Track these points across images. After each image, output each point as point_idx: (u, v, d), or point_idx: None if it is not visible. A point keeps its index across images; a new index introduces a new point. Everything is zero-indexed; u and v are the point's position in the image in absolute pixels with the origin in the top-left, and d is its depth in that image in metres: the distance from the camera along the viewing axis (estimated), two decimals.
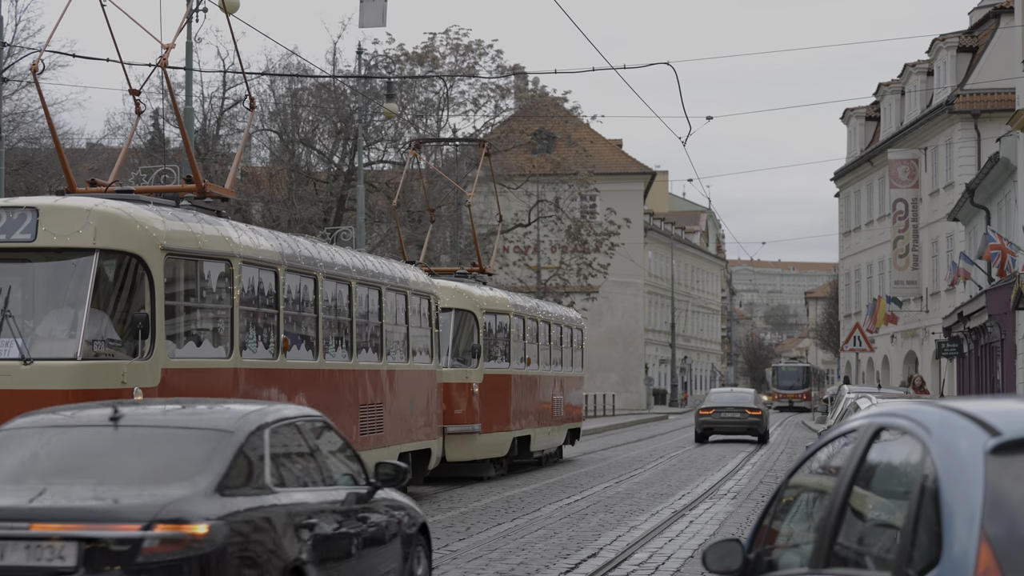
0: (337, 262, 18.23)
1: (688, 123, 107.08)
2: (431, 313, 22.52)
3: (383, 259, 21.22)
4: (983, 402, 4.55)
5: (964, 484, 4.00)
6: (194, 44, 28.88)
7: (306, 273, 17.03)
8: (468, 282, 27.00)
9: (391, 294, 20.40)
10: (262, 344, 15.80)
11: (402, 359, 20.97)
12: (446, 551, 15.49)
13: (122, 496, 7.62)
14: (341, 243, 22.83)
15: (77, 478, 7.94)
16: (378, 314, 19.84)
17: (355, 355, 18.69)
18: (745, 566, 5.46)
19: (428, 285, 22.68)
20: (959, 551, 3.87)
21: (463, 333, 25.78)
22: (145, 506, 7.51)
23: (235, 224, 15.68)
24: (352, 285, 18.63)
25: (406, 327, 21.13)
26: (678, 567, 14.42)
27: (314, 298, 17.27)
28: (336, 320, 18.19)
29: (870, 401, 19.96)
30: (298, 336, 16.78)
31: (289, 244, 16.77)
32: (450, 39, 50.67)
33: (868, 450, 4.81)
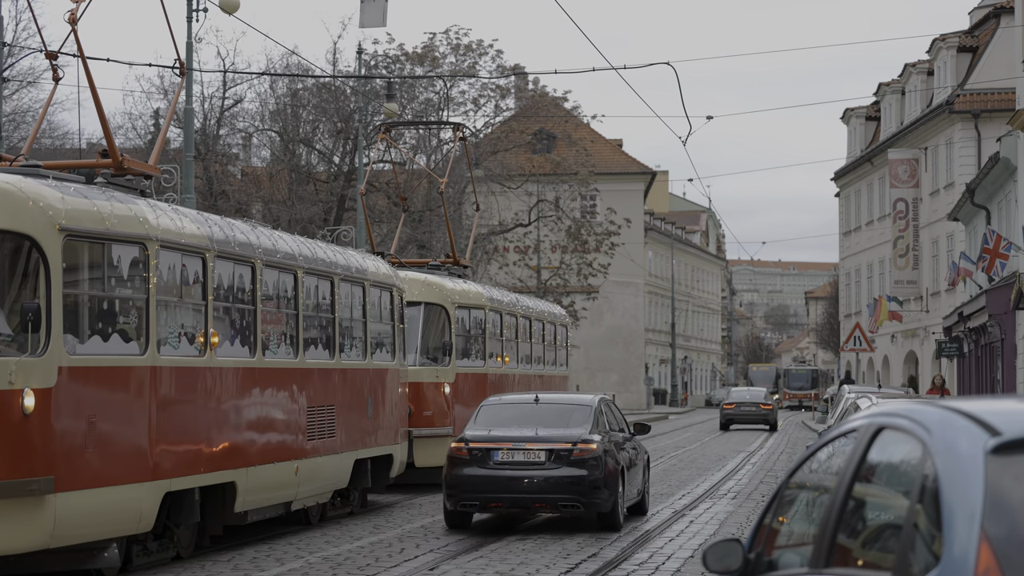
0: (280, 249, 16.52)
1: (688, 123, 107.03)
2: (393, 307, 20.78)
3: (338, 247, 19.52)
4: (983, 402, 4.55)
5: (964, 484, 4.00)
6: (194, 44, 28.82)
7: (242, 260, 15.30)
8: (440, 274, 25.39)
9: (346, 285, 18.72)
10: (186, 340, 14.06)
11: (359, 357, 19.25)
12: (445, 551, 15.50)
13: (560, 432, 17.45)
14: (341, 243, 22.70)
15: (536, 425, 17.67)
16: (330, 307, 18.11)
17: (302, 352, 16.97)
18: (745, 566, 5.46)
19: (390, 276, 20.81)
20: (959, 551, 3.87)
21: (433, 329, 24.23)
22: (571, 435, 17.36)
23: (154, 203, 13.90)
24: (298, 275, 16.91)
25: (364, 321, 19.37)
26: (678, 567, 14.42)
27: (252, 288, 15.53)
28: (279, 313, 16.52)
29: (870, 401, 19.96)
30: (232, 331, 15.08)
31: (221, 228, 15.04)
32: (450, 39, 50.69)
33: (868, 450, 4.81)
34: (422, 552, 15.38)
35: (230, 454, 14.77)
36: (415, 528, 17.89)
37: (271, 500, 16.04)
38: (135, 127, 48.95)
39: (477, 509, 17.62)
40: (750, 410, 53.44)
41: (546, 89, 56.25)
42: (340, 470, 18.21)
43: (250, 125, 50.20)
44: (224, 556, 14.93)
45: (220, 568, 14.05)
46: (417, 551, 15.44)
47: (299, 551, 15.46)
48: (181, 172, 26.89)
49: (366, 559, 14.75)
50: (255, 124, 50.15)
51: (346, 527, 17.95)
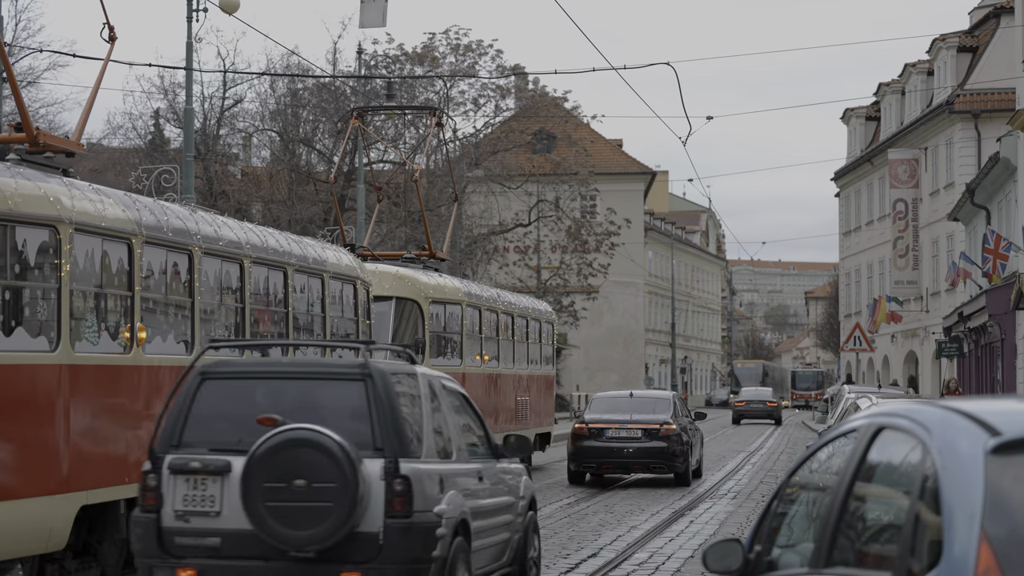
0: (224, 236, 15.04)
1: (688, 123, 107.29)
2: (358, 301, 19.35)
3: (293, 236, 18.12)
4: (983, 402, 4.55)
5: (964, 484, 4.00)
6: (194, 44, 28.83)
7: (176, 247, 13.82)
8: (414, 268, 23.96)
9: (302, 277, 17.27)
10: (107, 334, 12.56)
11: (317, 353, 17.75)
12: None
13: (650, 416, 25.09)
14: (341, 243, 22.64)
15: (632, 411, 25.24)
16: (283, 301, 16.66)
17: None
18: (745, 566, 5.46)
19: (353, 268, 19.30)
20: (959, 551, 3.87)
21: (405, 325, 22.91)
22: (658, 419, 25.01)
23: (72, 183, 12.49)
24: (245, 264, 15.40)
25: (323, 316, 17.91)
26: (678, 567, 14.42)
27: (189, 279, 14.09)
28: (222, 307, 15.04)
29: (870, 401, 19.96)
30: (165, 326, 13.73)
31: (152, 211, 13.53)
32: (450, 39, 50.68)
33: (868, 450, 4.81)
34: None
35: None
36: None
37: None
38: (135, 127, 49.00)
39: (593, 470, 25.60)
40: (758, 407, 63.71)
41: (546, 89, 56.26)
42: None
43: (250, 125, 50.22)
44: None
45: None
46: None
47: None
48: (181, 172, 26.89)
49: None
50: (255, 124, 50.17)
51: None
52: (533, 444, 27.65)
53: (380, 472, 9.22)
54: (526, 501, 11.98)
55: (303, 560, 9.17)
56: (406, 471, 9.28)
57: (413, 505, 9.26)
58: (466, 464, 10.66)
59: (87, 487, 11.89)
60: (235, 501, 9.28)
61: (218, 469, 9.42)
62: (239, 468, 9.26)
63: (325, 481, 9.06)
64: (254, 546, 9.25)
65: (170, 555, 9.45)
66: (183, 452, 9.56)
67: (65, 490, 11.56)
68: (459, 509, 9.93)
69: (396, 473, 9.23)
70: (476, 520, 10.34)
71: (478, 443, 11.34)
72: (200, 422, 9.71)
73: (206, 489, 9.46)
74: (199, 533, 9.42)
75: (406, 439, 9.54)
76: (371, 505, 9.17)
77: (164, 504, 9.52)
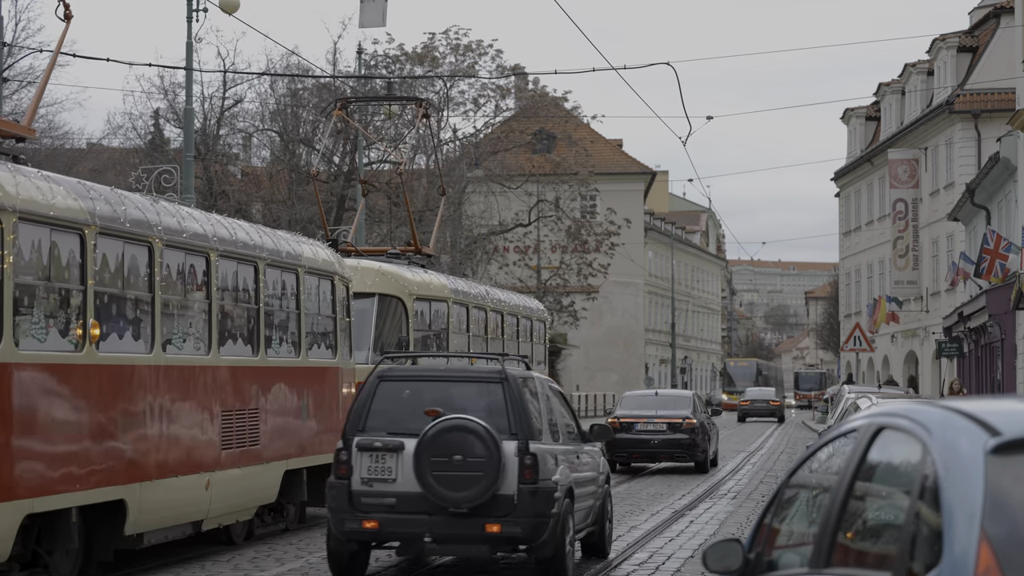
0: (188, 228, 14.21)
1: (688, 123, 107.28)
2: (335, 297, 18.43)
3: (266, 229, 17.22)
4: (983, 402, 4.55)
5: (964, 484, 4.00)
6: (194, 44, 28.84)
7: (135, 239, 13.00)
8: (399, 263, 23.02)
9: (274, 272, 16.40)
10: (57, 332, 11.83)
11: (290, 353, 16.90)
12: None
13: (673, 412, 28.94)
14: (340, 243, 22.55)
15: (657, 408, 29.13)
16: (253, 296, 15.79)
17: (215, 347, 14.65)
18: (745, 566, 5.46)
19: (331, 263, 18.39)
20: (959, 551, 3.87)
21: (388, 323, 21.91)
22: (680, 414, 28.89)
23: (19, 169, 11.91)
24: (211, 258, 14.59)
25: (298, 313, 17.02)
26: (678, 567, 14.41)
27: (149, 272, 13.26)
28: (186, 302, 14.22)
29: (870, 401, 19.95)
30: (122, 322, 12.85)
31: (108, 201, 12.76)
32: (450, 39, 50.68)
33: (868, 450, 4.81)
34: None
35: (118, 467, 12.48)
36: None
37: (174, 519, 13.82)
38: (135, 127, 48.99)
39: (624, 460, 29.09)
40: (762, 405, 68.53)
41: (546, 89, 56.26)
42: (266, 483, 15.92)
43: (250, 125, 50.22)
44: (224, 556, 14.92)
45: (220, 568, 14.05)
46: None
47: (299, 551, 15.45)
48: (181, 172, 26.88)
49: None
50: (255, 124, 50.17)
51: None
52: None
53: (515, 450, 12.46)
54: (604, 475, 15.30)
55: (458, 515, 12.34)
56: (534, 450, 12.57)
57: (539, 475, 12.50)
58: (568, 446, 13.86)
59: (33, 495, 11.23)
60: (407, 471, 12.46)
61: (394, 448, 12.60)
62: (410, 447, 12.45)
63: (476, 457, 12.29)
64: (421, 504, 12.42)
65: (358, 511, 12.58)
66: (367, 435, 12.70)
67: (8, 497, 10.88)
68: (568, 479, 13.18)
69: (527, 451, 12.50)
70: (577, 488, 13.54)
71: (573, 430, 14.53)
72: (378, 413, 12.83)
73: (385, 462, 12.64)
74: (379, 495, 12.59)
75: (532, 426, 12.80)
76: (508, 474, 12.38)
77: (353, 473, 12.65)
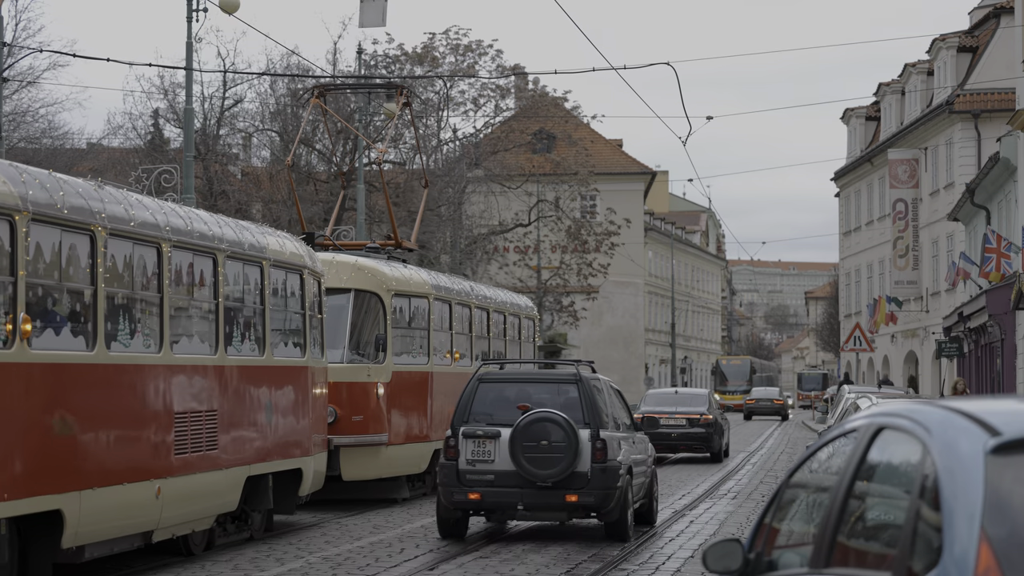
0: (136, 216, 13.14)
1: (688, 123, 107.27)
2: (305, 292, 17.45)
3: (229, 220, 16.15)
4: (983, 402, 4.55)
5: (964, 484, 4.00)
6: (194, 44, 28.81)
7: (75, 227, 11.99)
8: (378, 258, 22.04)
9: (235, 264, 15.40)
10: None
11: (254, 351, 15.89)
12: (445, 551, 15.50)
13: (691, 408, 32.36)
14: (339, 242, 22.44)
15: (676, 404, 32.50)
16: (211, 290, 14.81)
17: (166, 344, 13.57)
18: (745, 566, 5.46)
19: (300, 256, 17.40)
20: (959, 551, 3.87)
21: (365, 320, 20.93)
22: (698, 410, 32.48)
23: None
24: (163, 249, 13.53)
25: (262, 309, 16.07)
26: (678, 567, 14.42)
27: (90, 263, 12.24)
28: (133, 296, 13.17)
29: (870, 401, 19.95)
30: (59, 318, 11.94)
31: (43, 186, 11.81)
32: (450, 39, 50.67)
33: (868, 450, 4.81)
34: (422, 552, 15.38)
35: (54, 475, 11.54)
36: (415, 528, 17.88)
37: (120, 530, 12.81)
38: (135, 127, 48.98)
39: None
40: (767, 404, 72.38)
41: (546, 89, 56.23)
42: (225, 490, 14.92)
43: (250, 125, 50.22)
44: (224, 556, 14.92)
45: (220, 568, 14.04)
46: (417, 551, 15.44)
47: (299, 551, 15.45)
48: (181, 172, 26.88)
49: (366, 559, 14.74)
50: (255, 124, 50.16)
51: (345, 527, 17.94)
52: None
53: (588, 437, 15.85)
54: (652, 458, 18.70)
55: (544, 488, 15.72)
56: (603, 436, 15.95)
57: (607, 456, 15.89)
58: (626, 434, 17.06)
59: None
60: (503, 453, 15.88)
61: (492, 435, 16.00)
62: (506, 435, 15.87)
63: (558, 442, 15.66)
64: (515, 480, 15.82)
65: (464, 485, 15.94)
66: (470, 425, 16.12)
67: None
68: (628, 459, 16.54)
69: (598, 437, 15.90)
70: (635, 467, 16.85)
71: (628, 421, 17.78)
72: (479, 407, 16.24)
73: (485, 447, 16.02)
74: (481, 472, 15.98)
75: (601, 418, 16.18)
76: (583, 456, 15.75)
77: (460, 456, 16.01)
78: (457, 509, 16.18)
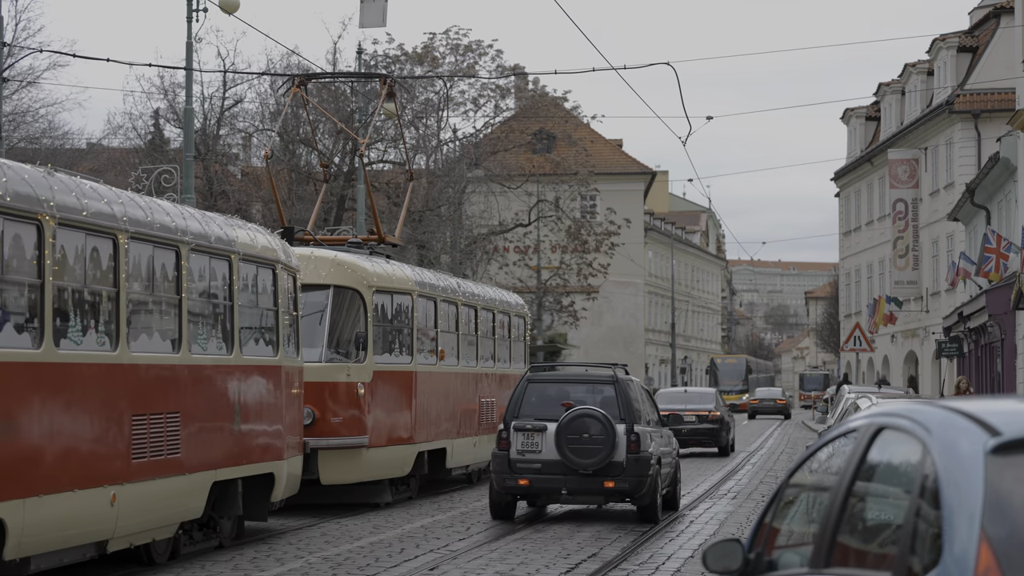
0: (90, 206, 12.32)
1: (688, 123, 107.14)
2: (278, 288, 16.60)
3: (194, 211, 15.25)
4: (983, 402, 4.55)
5: (964, 484, 4.00)
6: (194, 44, 28.81)
7: (19, 216, 11.28)
8: (359, 253, 21.25)
9: (200, 258, 14.53)
10: None
11: (221, 349, 15.01)
12: (446, 551, 15.49)
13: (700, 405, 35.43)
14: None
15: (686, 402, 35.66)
16: (174, 285, 13.91)
17: (123, 342, 12.68)
18: (745, 566, 5.45)
19: (273, 251, 16.53)
20: (959, 551, 3.87)
21: (344, 317, 20.19)
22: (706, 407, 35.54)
23: None
24: (120, 240, 12.66)
25: (230, 305, 15.19)
26: (678, 567, 14.42)
27: (38, 256, 11.51)
28: (85, 291, 12.37)
29: (870, 401, 19.95)
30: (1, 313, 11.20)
31: None
32: (450, 39, 50.66)
33: (868, 450, 4.81)
34: (422, 552, 15.38)
35: None
36: (415, 528, 17.89)
37: (70, 540, 11.99)
38: (135, 127, 48.98)
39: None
40: (770, 404, 75.59)
41: (546, 89, 56.22)
42: (189, 496, 14.07)
43: (250, 125, 50.21)
44: (224, 556, 14.92)
45: (220, 568, 14.04)
46: (417, 551, 15.44)
47: (299, 551, 15.44)
48: (181, 172, 26.87)
49: (366, 559, 14.74)
50: (255, 124, 50.15)
51: (345, 527, 17.94)
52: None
53: (624, 431, 18.04)
54: (676, 451, 20.83)
55: (585, 475, 17.94)
56: (636, 430, 18.14)
57: (640, 448, 18.06)
58: (655, 428, 19.24)
59: None
60: (549, 445, 18.12)
61: (540, 429, 18.25)
62: (551, 428, 18.10)
63: (597, 435, 17.87)
64: (560, 468, 18.04)
65: (514, 472, 18.24)
66: (520, 420, 18.36)
67: None
68: (658, 451, 18.78)
69: (632, 431, 18.09)
70: (663, 458, 19.02)
71: (655, 418, 19.90)
72: (528, 404, 18.51)
73: (533, 439, 18.26)
74: (529, 461, 18.22)
75: (635, 414, 18.39)
76: (620, 447, 17.93)
77: (511, 447, 18.28)
78: (508, 493, 18.48)
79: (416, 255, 45.51)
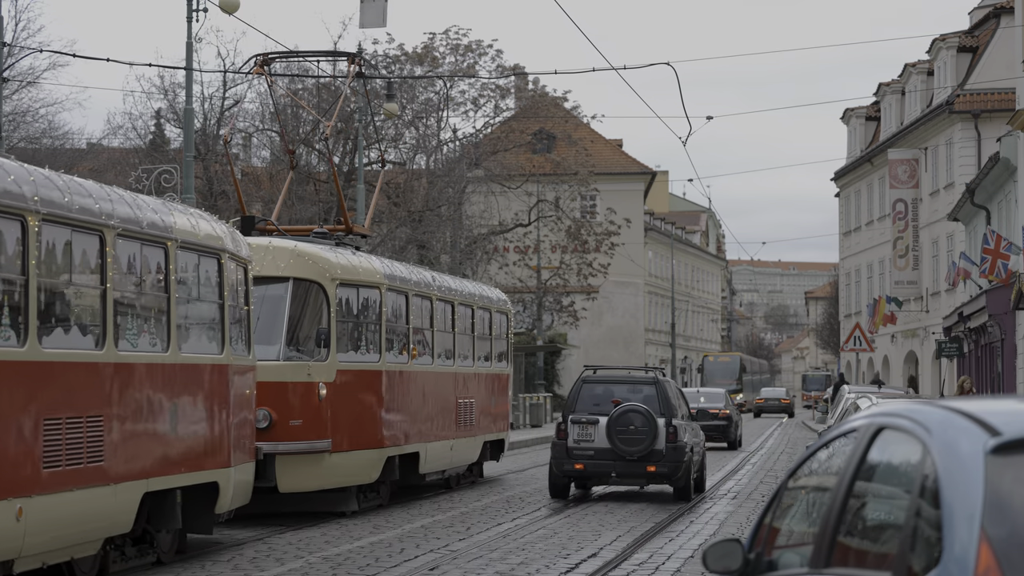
0: None
1: (688, 123, 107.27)
2: (224, 280, 15.10)
3: (123, 191, 13.70)
4: (983, 402, 4.55)
5: (964, 484, 4.00)
6: (194, 44, 28.82)
7: None
8: (324, 244, 19.90)
9: (130, 245, 13.03)
10: None
11: (155, 346, 13.50)
12: (446, 551, 15.49)
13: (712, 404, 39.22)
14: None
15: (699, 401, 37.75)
16: (97, 274, 12.40)
17: (33, 338, 11.19)
18: (745, 566, 5.45)
19: (218, 239, 15.07)
20: (959, 551, 3.87)
21: (305, 313, 18.80)
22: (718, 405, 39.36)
23: None
24: (29, 223, 11.16)
25: (166, 297, 13.69)
26: (678, 567, 14.42)
27: None
28: None
29: (870, 401, 19.95)
30: None
31: None
32: (450, 39, 50.66)
33: (868, 450, 4.81)
34: (422, 552, 15.37)
35: None
36: (415, 528, 17.88)
37: None
38: (135, 127, 48.99)
39: None
40: (775, 403, 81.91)
41: (546, 89, 56.24)
42: (114, 508, 12.48)
43: (250, 125, 50.21)
44: (224, 556, 14.91)
45: (220, 568, 14.03)
46: (417, 551, 15.44)
47: (299, 551, 15.44)
48: (181, 172, 26.89)
49: (366, 559, 14.73)
50: (255, 124, 50.15)
51: (345, 527, 17.93)
52: (482, 453, 25.52)
53: (664, 424, 21.38)
54: (703, 442, 24.04)
55: (631, 460, 21.28)
56: (674, 423, 21.51)
57: (677, 438, 21.42)
58: (688, 422, 22.51)
59: None
60: (601, 435, 21.50)
61: (593, 422, 21.66)
62: (603, 421, 21.49)
63: (642, 427, 21.22)
64: (610, 455, 21.42)
65: (571, 458, 21.64)
66: (576, 414, 21.75)
67: None
68: (692, 440, 22.17)
69: (670, 424, 21.44)
70: (695, 448, 22.46)
71: (687, 413, 23.03)
72: (583, 401, 21.87)
73: (587, 430, 21.66)
74: (584, 448, 21.65)
75: (673, 409, 21.71)
76: (660, 437, 21.28)
77: (568, 437, 21.64)
78: (565, 476, 21.85)
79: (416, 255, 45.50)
